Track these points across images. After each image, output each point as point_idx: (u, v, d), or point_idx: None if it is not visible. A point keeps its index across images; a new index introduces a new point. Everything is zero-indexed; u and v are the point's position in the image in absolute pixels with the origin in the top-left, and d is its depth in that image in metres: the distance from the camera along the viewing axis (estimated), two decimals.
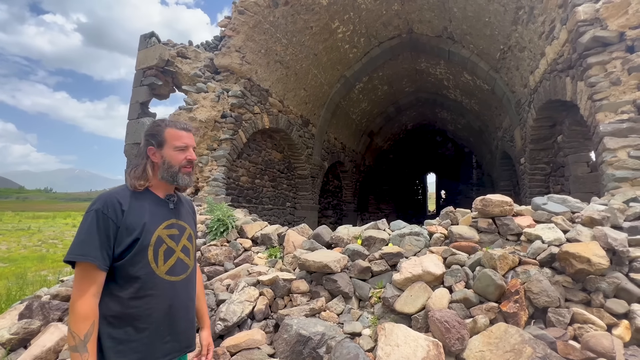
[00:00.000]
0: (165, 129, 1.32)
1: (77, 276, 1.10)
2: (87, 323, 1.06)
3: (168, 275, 1.24)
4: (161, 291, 1.20)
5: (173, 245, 1.28)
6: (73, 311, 1.07)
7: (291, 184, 8.93)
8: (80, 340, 1.04)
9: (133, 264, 1.16)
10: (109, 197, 1.18)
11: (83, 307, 1.07)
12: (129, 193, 1.24)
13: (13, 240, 12.07)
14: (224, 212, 3.87)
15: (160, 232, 1.25)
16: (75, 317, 1.06)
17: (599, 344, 1.72)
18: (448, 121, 13.30)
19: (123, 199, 1.20)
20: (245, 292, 2.61)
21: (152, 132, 1.32)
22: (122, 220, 1.16)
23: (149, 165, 1.29)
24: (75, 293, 1.09)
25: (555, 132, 5.68)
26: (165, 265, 1.23)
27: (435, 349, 1.85)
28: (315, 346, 2.07)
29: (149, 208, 1.25)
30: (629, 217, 2.43)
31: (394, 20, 7.99)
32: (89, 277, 1.09)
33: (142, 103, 6.52)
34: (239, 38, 6.09)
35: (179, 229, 1.32)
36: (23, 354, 2.47)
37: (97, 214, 1.13)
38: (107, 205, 1.16)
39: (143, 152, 1.31)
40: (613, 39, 3.39)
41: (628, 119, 3.20)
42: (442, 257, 2.55)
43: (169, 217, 1.31)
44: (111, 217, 1.14)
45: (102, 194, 1.23)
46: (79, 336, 1.04)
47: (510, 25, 5.56)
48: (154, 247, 1.21)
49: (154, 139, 1.31)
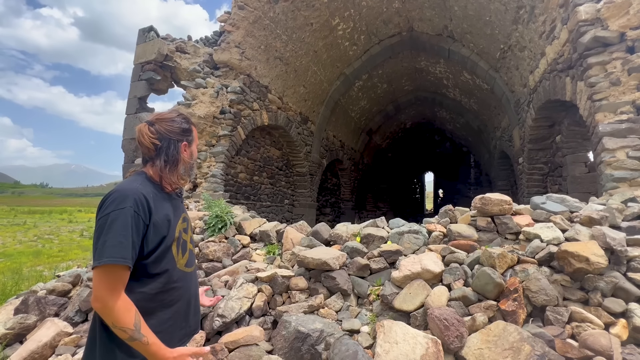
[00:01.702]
0: (192, 126, 1.36)
1: (104, 277, 1.04)
2: (130, 314, 1.05)
3: (186, 267, 1.28)
4: (182, 283, 1.24)
5: (186, 237, 1.32)
6: (112, 310, 1.03)
7: (289, 182, 8.92)
8: (132, 330, 1.03)
9: (159, 260, 1.16)
10: (136, 195, 1.12)
11: (121, 303, 1.04)
12: (150, 188, 1.20)
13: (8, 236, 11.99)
14: (222, 209, 3.85)
15: (180, 226, 1.28)
16: (117, 313, 1.03)
17: (596, 342, 1.72)
18: (447, 120, 13.31)
19: (148, 196, 1.16)
20: (244, 288, 2.60)
21: (186, 128, 1.31)
22: (151, 218, 1.14)
23: (182, 160, 1.29)
24: (105, 294, 1.03)
25: (554, 132, 5.70)
26: (183, 258, 1.27)
27: (434, 346, 1.85)
28: (314, 343, 2.07)
29: (169, 203, 1.26)
30: (627, 217, 2.44)
31: (395, 18, 7.96)
32: (120, 277, 1.05)
33: (140, 98, 6.47)
34: (238, 33, 6.05)
35: (187, 222, 1.37)
36: (19, 348, 2.45)
37: (130, 213, 1.07)
38: (137, 204, 1.10)
39: (176, 148, 1.26)
40: (614, 39, 3.40)
41: (627, 120, 3.21)
42: (440, 255, 2.55)
43: (183, 210, 1.35)
44: (142, 217, 1.11)
45: (125, 187, 1.13)
46: (130, 327, 1.03)
47: (511, 24, 5.55)
48: (177, 241, 1.24)
49: (188, 135, 1.32)
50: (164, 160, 1.24)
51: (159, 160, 1.24)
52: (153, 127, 1.25)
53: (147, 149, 1.25)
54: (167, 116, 1.30)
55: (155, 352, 1.07)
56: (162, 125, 1.26)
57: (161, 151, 1.24)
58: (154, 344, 1.07)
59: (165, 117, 1.29)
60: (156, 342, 1.08)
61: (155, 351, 1.07)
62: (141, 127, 1.25)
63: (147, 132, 1.24)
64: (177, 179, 1.26)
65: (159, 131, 1.25)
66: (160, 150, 1.24)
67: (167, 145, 1.25)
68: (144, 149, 1.25)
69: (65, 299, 3.03)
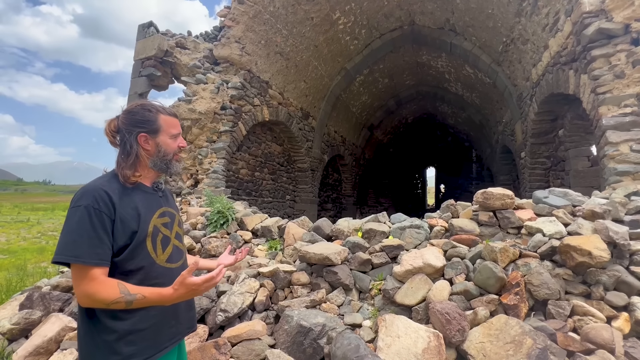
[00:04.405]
0: (158, 115, 1.25)
1: (76, 276, 1.04)
2: (114, 289, 1.04)
3: (168, 263, 1.24)
4: (164, 279, 1.19)
5: (168, 233, 1.27)
6: (95, 295, 1.03)
7: (291, 177, 8.91)
8: (123, 296, 1.03)
9: (133, 257, 1.13)
10: (96, 191, 1.10)
11: (100, 286, 1.04)
12: (116, 185, 1.16)
13: (12, 232, 12.07)
14: (223, 205, 3.86)
15: (155, 221, 1.22)
16: (100, 295, 1.03)
17: (598, 335, 1.73)
18: (448, 115, 13.24)
19: (111, 191, 1.13)
20: (246, 283, 2.62)
21: (143, 118, 1.22)
22: (116, 214, 1.11)
23: (140, 153, 1.21)
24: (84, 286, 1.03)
25: (557, 126, 5.66)
26: (164, 254, 1.23)
27: (436, 340, 1.86)
28: (316, 337, 2.08)
29: (139, 198, 1.21)
30: (630, 211, 2.43)
31: (396, 11, 7.88)
32: (93, 273, 1.05)
33: (140, 94, 6.45)
34: (238, 28, 6.00)
35: (170, 217, 1.31)
36: (24, 343, 2.48)
37: (88, 210, 1.06)
38: (96, 199, 1.08)
39: (132, 139, 1.20)
40: (618, 31, 3.35)
41: (631, 113, 3.18)
42: (442, 250, 2.55)
43: (159, 205, 1.28)
44: (105, 212, 1.08)
45: (85, 187, 1.12)
46: (119, 296, 1.03)
47: (514, 17, 5.49)
48: (152, 237, 1.19)
49: (146, 126, 1.22)
50: (119, 153, 1.22)
51: (117, 154, 1.23)
52: (117, 119, 1.24)
53: (110, 142, 1.25)
54: (128, 108, 1.27)
55: (156, 299, 1.08)
56: (121, 117, 1.23)
57: (120, 144, 1.23)
58: (150, 294, 1.07)
59: (127, 109, 1.26)
60: (152, 290, 1.08)
61: (154, 299, 1.08)
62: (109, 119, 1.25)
63: (108, 125, 1.23)
64: (131, 172, 1.19)
65: (118, 124, 1.23)
66: (120, 143, 1.23)
67: (122, 138, 1.22)
68: (109, 142, 1.25)
69: (70, 295, 3.05)
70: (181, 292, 1.07)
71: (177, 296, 1.08)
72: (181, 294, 1.08)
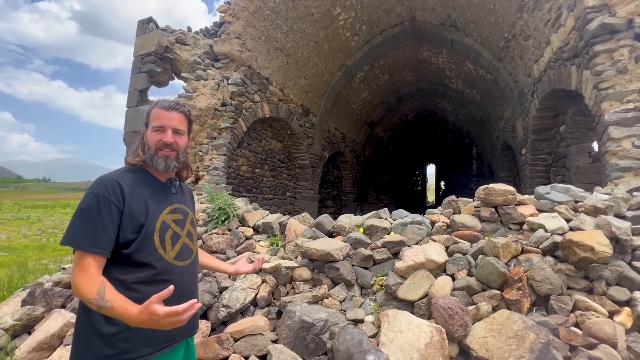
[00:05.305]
0: (152, 108, 1.28)
1: (76, 259, 1.08)
2: (94, 285, 1.03)
3: (176, 261, 1.23)
4: (171, 277, 1.18)
5: (178, 230, 1.26)
6: (78, 287, 1.04)
7: (291, 174, 8.91)
8: (97, 299, 1.01)
9: (139, 250, 1.13)
10: (108, 180, 1.14)
11: (85, 279, 1.04)
12: (129, 176, 1.20)
13: (13, 230, 12.08)
14: (224, 201, 3.86)
15: (165, 217, 1.22)
16: (82, 289, 1.03)
17: (601, 330, 1.73)
18: (449, 111, 13.20)
19: (123, 182, 1.15)
20: (248, 279, 2.62)
21: (146, 112, 1.32)
22: (125, 205, 1.12)
23: (141, 144, 1.30)
24: (75, 275, 1.06)
25: (558, 122, 5.64)
26: (173, 251, 1.22)
27: (439, 335, 1.86)
28: (319, 332, 2.09)
29: (151, 192, 1.22)
30: (632, 207, 2.42)
31: (397, 7, 7.84)
32: (87, 262, 1.06)
33: (140, 90, 6.43)
34: (238, 24, 5.97)
35: (183, 214, 1.30)
36: (27, 339, 2.49)
37: (98, 198, 1.09)
38: (107, 188, 1.11)
39: (141, 133, 1.34)
40: (621, 26, 3.33)
41: (634, 108, 3.17)
42: (444, 246, 2.55)
43: (172, 201, 1.28)
44: (113, 201, 1.10)
45: (101, 177, 1.17)
46: (94, 297, 1.01)
47: (516, 12, 5.45)
48: (160, 232, 1.19)
49: (145, 119, 1.32)
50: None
51: None
52: None
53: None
54: None
55: (121, 314, 1.01)
56: None
57: None
58: (118, 307, 1.01)
59: None
60: (121, 304, 1.01)
61: (120, 313, 1.01)
62: None
63: None
64: (128, 157, 1.28)
65: None
66: None
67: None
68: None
69: (71, 291, 3.06)
70: (142, 317, 0.98)
71: (139, 321, 0.99)
72: (142, 320, 0.99)
